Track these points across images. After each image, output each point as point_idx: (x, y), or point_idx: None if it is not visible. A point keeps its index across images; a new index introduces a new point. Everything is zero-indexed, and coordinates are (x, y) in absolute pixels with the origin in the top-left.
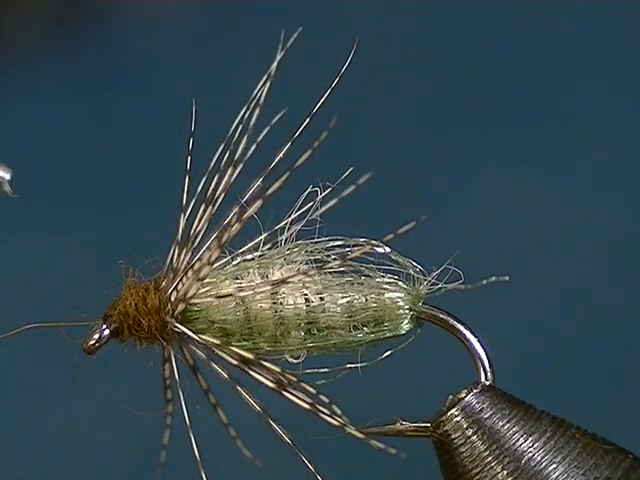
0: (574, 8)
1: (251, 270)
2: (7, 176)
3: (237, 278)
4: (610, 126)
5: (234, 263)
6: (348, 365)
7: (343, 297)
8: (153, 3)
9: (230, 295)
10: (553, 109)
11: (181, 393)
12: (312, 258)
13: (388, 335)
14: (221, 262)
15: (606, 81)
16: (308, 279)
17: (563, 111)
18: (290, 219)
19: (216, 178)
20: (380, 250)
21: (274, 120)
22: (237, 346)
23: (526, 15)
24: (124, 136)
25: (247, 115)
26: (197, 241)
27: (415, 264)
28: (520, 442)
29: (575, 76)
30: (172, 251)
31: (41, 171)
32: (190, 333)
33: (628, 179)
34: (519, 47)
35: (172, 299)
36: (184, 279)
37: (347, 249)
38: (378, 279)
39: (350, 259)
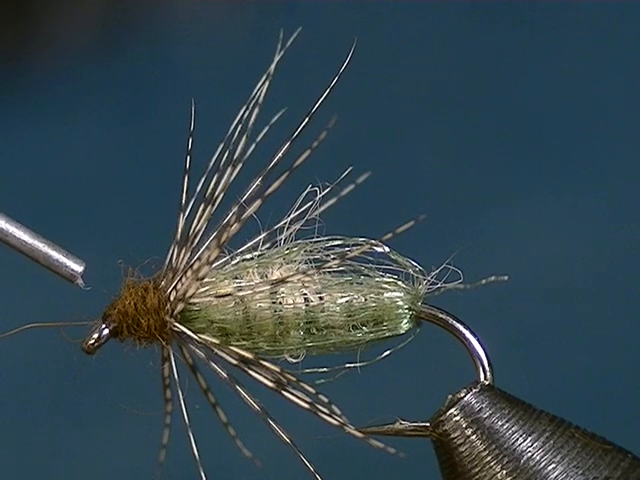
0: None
1: (250, 270)
2: (80, 269)
3: (236, 278)
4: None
5: (233, 263)
6: (348, 365)
7: (342, 297)
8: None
9: (229, 295)
10: (584, 138)
11: (180, 393)
12: (311, 258)
13: (387, 335)
14: (220, 262)
15: None
16: (307, 279)
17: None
18: (289, 219)
19: (215, 178)
20: (379, 249)
21: (273, 120)
22: (236, 346)
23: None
24: (124, 137)
25: (246, 115)
26: (196, 241)
27: (414, 263)
28: (519, 442)
29: (614, 103)
30: (171, 251)
31: (41, 172)
32: (189, 333)
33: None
34: (549, 68)
35: (171, 299)
36: (183, 279)
37: (346, 248)
38: (377, 279)
39: (349, 258)
